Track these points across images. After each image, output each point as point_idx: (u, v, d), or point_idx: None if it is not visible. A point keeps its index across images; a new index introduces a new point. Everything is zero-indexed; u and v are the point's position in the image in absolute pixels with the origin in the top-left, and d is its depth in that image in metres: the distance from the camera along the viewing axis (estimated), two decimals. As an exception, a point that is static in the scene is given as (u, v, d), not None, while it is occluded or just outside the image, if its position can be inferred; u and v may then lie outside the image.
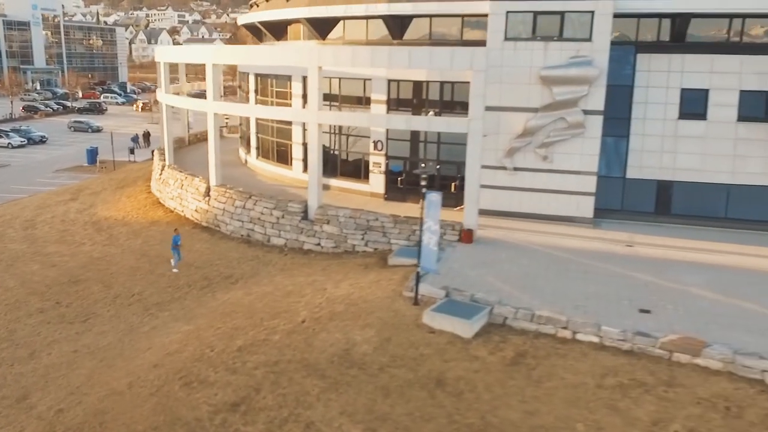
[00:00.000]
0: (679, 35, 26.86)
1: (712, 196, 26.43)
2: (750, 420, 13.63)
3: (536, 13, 25.59)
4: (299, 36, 34.73)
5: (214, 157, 30.26)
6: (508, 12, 25.76)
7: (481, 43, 26.42)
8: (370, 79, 29.31)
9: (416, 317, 18.16)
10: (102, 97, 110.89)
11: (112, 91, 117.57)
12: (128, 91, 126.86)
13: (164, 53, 36.81)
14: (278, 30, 36.46)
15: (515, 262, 21.62)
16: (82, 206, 36.77)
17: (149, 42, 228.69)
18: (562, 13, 25.25)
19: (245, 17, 37.48)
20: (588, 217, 26.48)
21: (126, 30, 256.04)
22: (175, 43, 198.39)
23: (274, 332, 18.81)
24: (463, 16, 28.19)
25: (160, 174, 35.66)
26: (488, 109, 26.34)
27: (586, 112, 25.59)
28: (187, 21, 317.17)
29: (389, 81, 28.92)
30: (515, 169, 26.80)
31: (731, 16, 26.23)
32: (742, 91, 26.10)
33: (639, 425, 13.81)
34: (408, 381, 15.87)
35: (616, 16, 25.73)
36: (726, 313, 17.73)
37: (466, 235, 23.85)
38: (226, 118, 52.65)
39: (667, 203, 26.90)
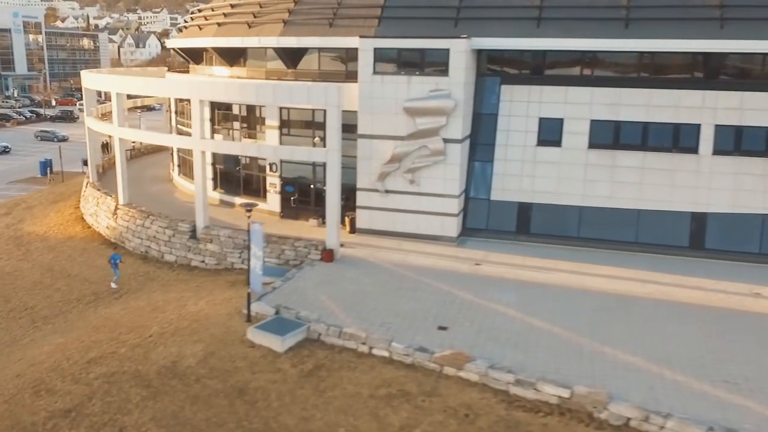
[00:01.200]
0: (537, 69, 29.18)
1: (566, 217, 28.71)
2: (480, 426, 15.93)
3: (400, 50, 27.89)
4: (212, 62, 37.05)
5: (121, 178, 32.55)
6: (375, 48, 28.03)
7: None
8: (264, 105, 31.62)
9: (244, 333, 20.47)
10: (78, 104, 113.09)
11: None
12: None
13: (84, 79, 38.64)
14: (195, 55, 38.79)
15: (357, 281, 23.92)
16: (12, 221, 39.08)
17: (137, 46, 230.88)
18: (422, 51, 27.54)
19: (171, 42, 39.70)
20: (452, 236, 28.75)
21: (116, 34, 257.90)
22: (164, 46, 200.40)
23: (123, 345, 21.12)
24: (346, 49, 30.43)
25: (84, 191, 37.99)
26: (361, 136, 28.79)
27: (446, 141, 27.87)
28: (179, 23, 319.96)
29: (280, 108, 31.19)
30: (387, 191, 29.07)
31: (582, 52, 28.53)
32: (592, 121, 28.43)
33: (389, 430, 16.12)
34: (216, 390, 18.18)
35: (488, 51, 28.18)
36: (512, 330, 20.01)
37: (327, 255, 26.14)
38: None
39: (527, 223, 29.18)
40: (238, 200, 34.41)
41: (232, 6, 35.32)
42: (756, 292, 23.61)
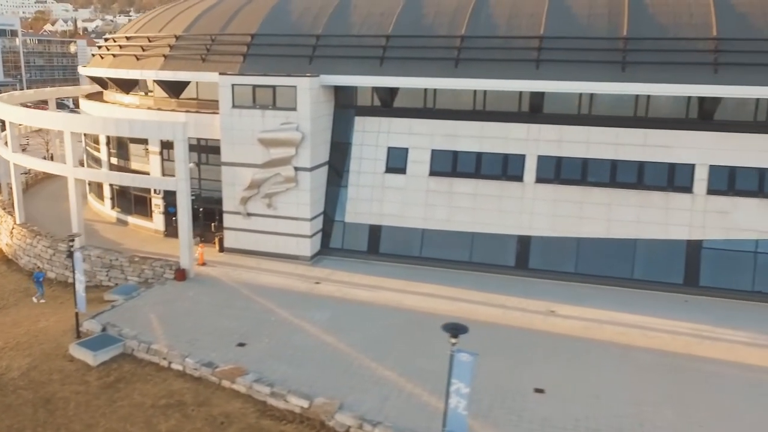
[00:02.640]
0: (386, 102, 31.85)
1: (410, 238, 31.35)
2: (229, 432, 18.61)
3: (255, 86, 30.50)
4: (113, 88, 39.72)
5: (17, 199, 35.20)
6: (233, 84, 30.67)
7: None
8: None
9: (68, 349, 23.12)
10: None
11: (65, 105, 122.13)
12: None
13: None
14: (102, 82, 41.42)
15: (193, 300, 26.57)
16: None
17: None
18: (273, 87, 30.17)
19: (81, 70, 42.07)
20: (306, 255, 31.39)
21: (102, 38, 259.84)
22: None
23: (-33, 359, 23.78)
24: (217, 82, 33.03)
25: (-6, 209, 40.67)
26: (225, 164, 31.47)
27: (297, 169, 30.50)
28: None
29: (159, 136, 33.80)
30: (249, 214, 31.71)
31: (423, 89, 31.17)
32: (433, 150, 31.10)
33: (157, 436, 18.80)
34: (27, 400, 20.83)
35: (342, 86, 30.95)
36: (301, 347, 22.65)
37: (179, 274, 28.78)
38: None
39: (377, 244, 31.82)
40: (131, 219, 37.11)
41: (127, 39, 37.95)
42: (552, 310, 26.26)
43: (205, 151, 33.24)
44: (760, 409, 19.05)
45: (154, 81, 34.48)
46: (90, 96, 42.41)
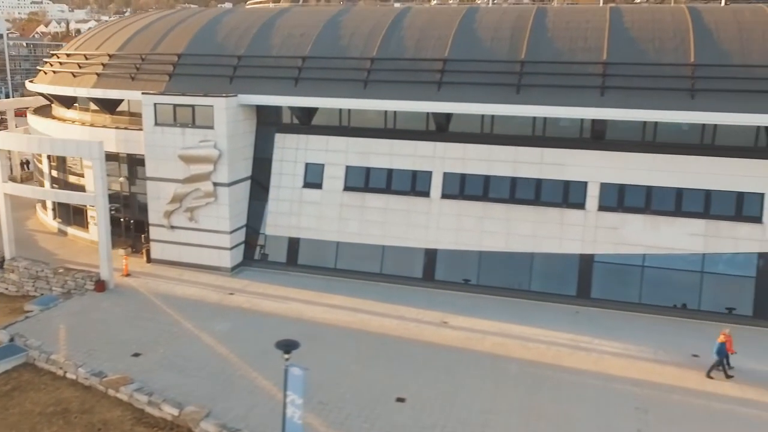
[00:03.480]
0: (305, 120, 33.27)
1: (326, 251, 32.77)
2: (104, 438, 20.01)
3: (175, 105, 31.91)
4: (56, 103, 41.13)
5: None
6: (155, 103, 32.09)
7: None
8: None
9: (-25, 358, 24.52)
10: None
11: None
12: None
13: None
14: (47, 97, 42.82)
15: (106, 311, 27.97)
16: None
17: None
18: (192, 106, 31.59)
19: (29, 86, 43.36)
20: (227, 266, 32.80)
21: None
22: None
23: None
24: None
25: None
26: (149, 179, 32.92)
27: (216, 184, 31.92)
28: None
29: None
30: (172, 227, 33.12)
31: (340, 108, 32.56)
32: (347, 166, 32.51)
33: (38, 441, 20.20)
34: (-75, 408, 22.24)
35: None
36: (193, 357, 24.04)
37: (99, 286, 30.19)
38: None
39: (295, 256, 33.24)
40: (70, 230, 38.54)
41: (67, 56, 39.37)
42: (445, 321, 27.68)
43: (136, 164, 34.62)
44: (602, 418, 20.46)
45: (88, 98, 35.85)
46: (37, 110, 43.78)
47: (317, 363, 23.59)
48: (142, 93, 32.30)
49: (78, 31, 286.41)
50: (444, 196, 31.16)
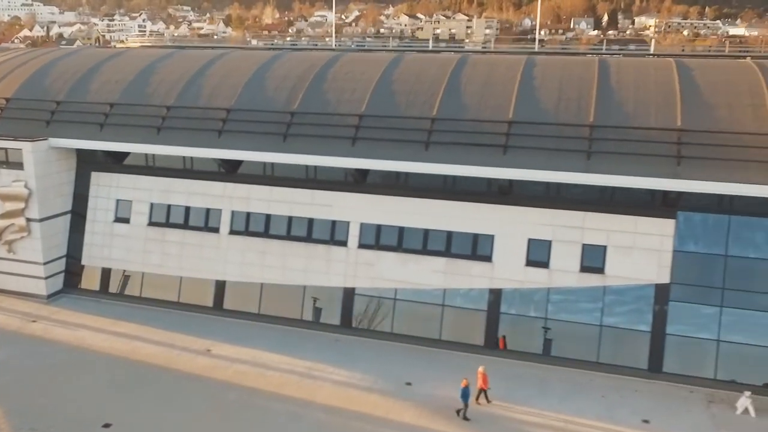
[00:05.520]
0: (117, 160, 36.29)
1: (132, 280, 35.82)
2: None
3: (-9, 147, 34.99)
4: None
5: None
6: (-26, 145, 35.17)
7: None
8: None
9: None
10: None
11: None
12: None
13: None
14: None
15: None
16: None
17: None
18: (6, 149, 34.62)
19: None
20: (43, 294, 35.84)
21: (74, 44, 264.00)
22: None
23: None
24: None
25: None
26: (-26, 214, 35.84)
27: (29, 220, 34.97)
28: (145, 32, 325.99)
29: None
30: (-5, 257, 36.24)
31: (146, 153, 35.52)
32: (151, 203, 35.54)
33: None
34: None
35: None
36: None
37: None
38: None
39: (107, 285, 36.27)
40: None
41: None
42: (209, 349, 30.71)
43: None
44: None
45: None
46: None
47: (56, 389, 26.68)
48: (-39, 135, 35.40)
49: (60, 36, 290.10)
50: (231, 232, 34.17)
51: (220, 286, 34.39)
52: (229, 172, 34.54)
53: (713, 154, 27.20)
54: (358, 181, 32.51)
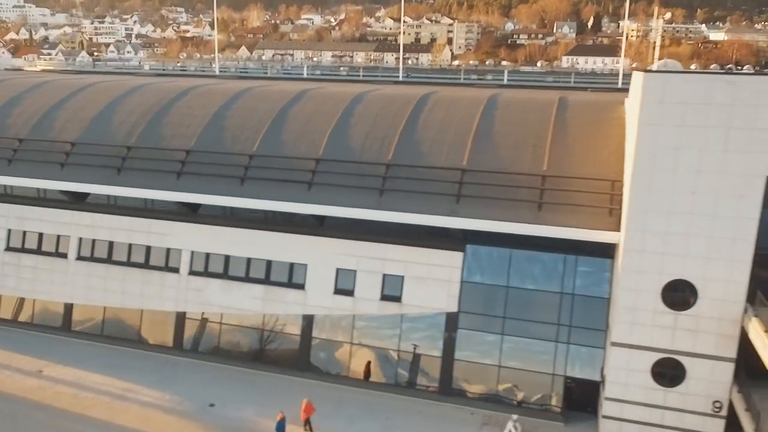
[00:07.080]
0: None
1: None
2: None
3: None
4: None
5: None
6: None
7: None
8: None
9: None
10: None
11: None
12: None
13: None
14: None
15: None
16: None
17: (66, 61, 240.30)
18: None
19: None
20: None
21: (56, 48, 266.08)
22: (95, 60, 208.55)
23: None
24: None
25: None
26: None
27: None
28: (131, 35, 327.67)
29: None
30: None
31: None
32: (9, 230, 37.61)
33: None
34: None
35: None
36: None
37: None
38: None
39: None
40: None
41: None
42: (41, 369, 32.72)
43: None
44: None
45: None
46: None
47: None
48: None
49: (45, 39, 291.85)
50: (78, 258, 36.20)
51: (68, 308, 36.41)
52: (78, 201, 36.53)
53: (490, 193, 29.14)
54: (194, 210, 34.40)
